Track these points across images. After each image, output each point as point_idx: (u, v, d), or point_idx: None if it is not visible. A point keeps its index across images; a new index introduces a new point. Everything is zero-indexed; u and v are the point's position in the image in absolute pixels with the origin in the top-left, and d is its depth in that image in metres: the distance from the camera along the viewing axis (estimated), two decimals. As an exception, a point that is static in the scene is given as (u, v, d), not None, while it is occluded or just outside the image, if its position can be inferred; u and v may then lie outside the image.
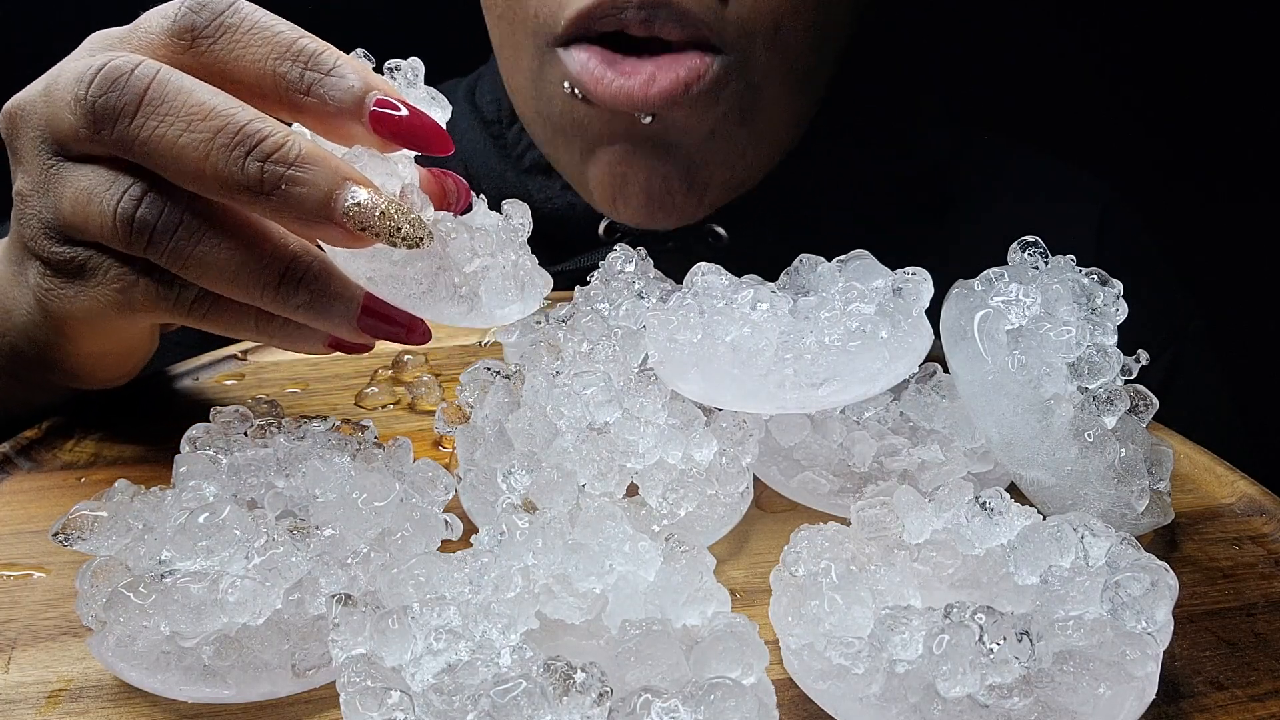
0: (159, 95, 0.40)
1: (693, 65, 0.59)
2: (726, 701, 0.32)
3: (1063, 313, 0.45)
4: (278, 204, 0.40)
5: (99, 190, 0.42)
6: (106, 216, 0.42)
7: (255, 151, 0.40)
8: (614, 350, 0.47)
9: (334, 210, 0.40)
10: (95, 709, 0.38)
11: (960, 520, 0.40)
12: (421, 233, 0.41)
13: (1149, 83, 1.04)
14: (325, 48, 0.42)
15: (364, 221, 0.40)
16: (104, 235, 0.42)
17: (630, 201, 0.65)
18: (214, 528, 0.38)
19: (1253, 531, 0.48)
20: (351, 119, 0.42)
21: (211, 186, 0.40)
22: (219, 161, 0.40)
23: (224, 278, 0.42)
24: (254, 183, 0.40)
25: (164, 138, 0.40)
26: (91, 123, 0.41)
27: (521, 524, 0.38)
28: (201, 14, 0.42)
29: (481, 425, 0.46)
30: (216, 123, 0.40)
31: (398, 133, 0.42)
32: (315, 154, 0.41)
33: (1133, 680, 0.35)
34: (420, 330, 0.45)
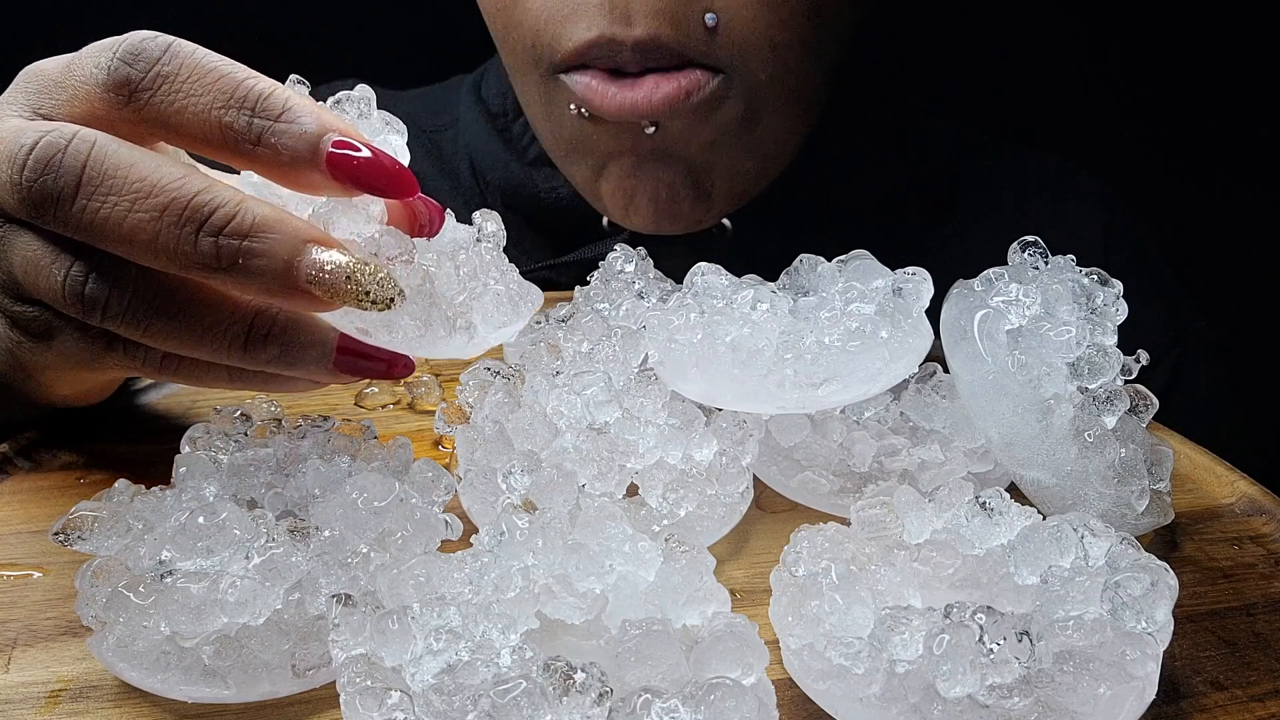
0: (98, 172, 0.37)
1: (693, 78, 0.60)
2: (726, 701, 0.32)
3: (1063, 313, 0.45)
4: (239, 277, 0.38)
5: (44, 264, 0.40)
6: (56, 290, 0.40)
7: (206, 226, 0.37)
8: (614, 350, 0.47)
9: (297, 279, 0.38)
10: (95, 709, 0.38)
11: (960, 520, 0.40)
12: (392, 293, 0.39)
13: (1155, 85, 1.04)
14: (273, 88, 0.39)
15: (330, 288, 0.38)
16: (58, 306, 0.40)
17: (640, 211, 0.67)
18: (214, 528, 0.38)
19: (1253, 531, 0.48)
20: (308, 167, 0.39)
21: (166, 264, 0.38)
22: (170, 241, 0.37)
23: (187, 342, 0.40)
24: (209, 259, 0.37)
25: (109, 219, 0.37)
26: (30, 207, 0.38)
27: (521, 524, 0.38)
28: (136, 65, 0.39)
29: (481, 425, 0.46)
30: (162, 199, 0.37)
31: (359, 178, 0.39)
32: (270, 220, 0.38)
33: (1133, 680, 0.35)
34: (402, 363, 0.43)
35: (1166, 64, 1.03)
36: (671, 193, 0.65)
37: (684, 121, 0.61)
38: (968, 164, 0.80)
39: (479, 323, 0.44)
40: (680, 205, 0.66)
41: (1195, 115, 1.05)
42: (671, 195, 0.66)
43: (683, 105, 0.60)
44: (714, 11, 0.59)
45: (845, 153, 0.75)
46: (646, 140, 0.62)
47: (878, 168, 0.76)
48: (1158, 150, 1.05)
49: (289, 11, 0.59)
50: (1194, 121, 1.05)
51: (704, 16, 0.59)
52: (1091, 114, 1.04)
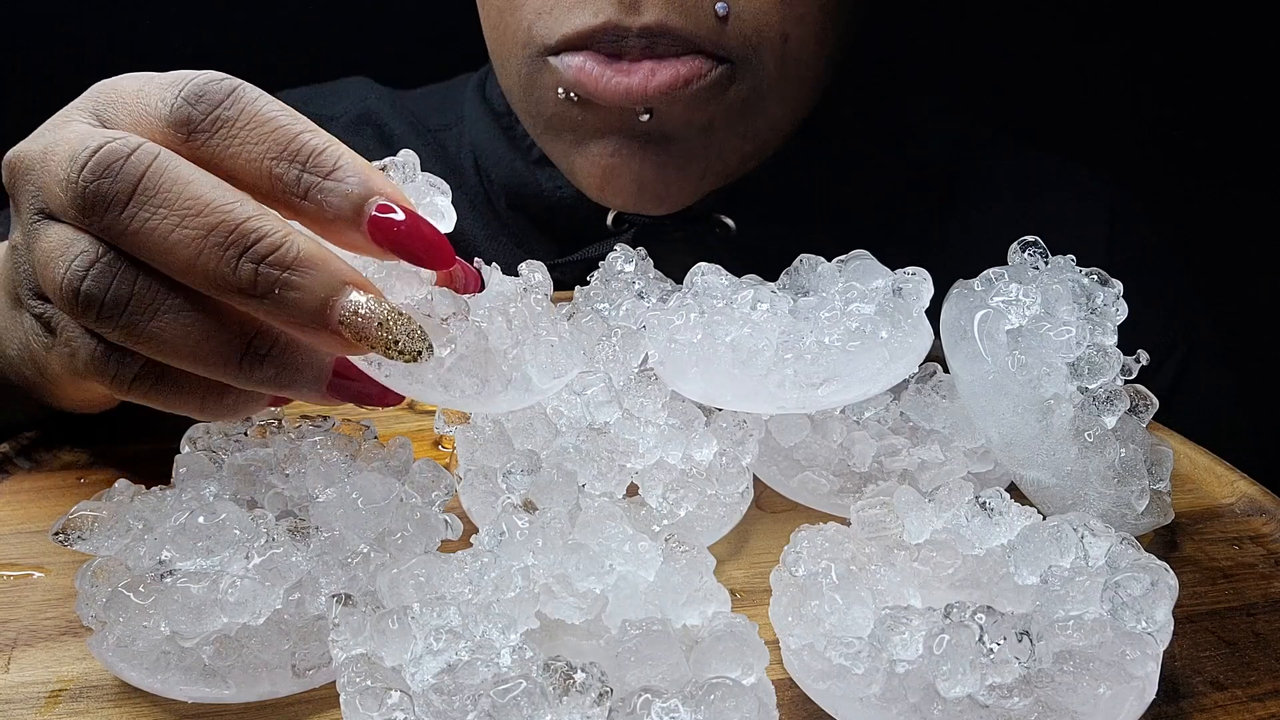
0: (154, 184, 0.38)
1: (694, 66, 0.59)
2: (726, 701, 0.32)
3: (1063, 313, 0.45)
4: (271, 307, 0.38)
5: (55, 255, 0.40)
6: (55, 285, 0.39)
7: (250, 252, 0.37)
8: (614, 350, 0.47)
9: (329, 318, 0.38)
10: (95, 709, 0.38)
11: (960, 520, 0.40)
12: (420, 346, 0.39)
13: (1159, 83, 1.04)
14: (326, 144, 0.39)
15: (361, 332, 0.38)
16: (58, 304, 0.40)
17: (620, 190, 0.65)
18: (214, 528, 0.38)
19: (1253, 531, 0.48)
20: (350, 227, 0.39)
21: (202, 284, 0.38)
22: (210, 260, 0.37)
23: (182, 353, 0.39)
24: (247, 285, 0.37)
25: (155, 231, 0.38)
26: (81, 207, 0.38)
27: (521, 524, 0.38)
28: (198, 106, 0.39)
29: (481, 425, 0.46)
30: (212, 219, 0.37)
31: (397, 245, 0.39)
32: (314, 256, 0.38)
33: (1133, 680, 0.35)
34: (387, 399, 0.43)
35: (1171, 63, 1.03)
36: (658, 173, 0.64)
37: (680, 108, 0.61)
38: (970, 163, 0.80)
39: (534, 374, 0.43)
40: (666, 186, 0.65)
41: (1199, 114, 1.05)
42: (658, 176, 0.64)
43: (680, 93, 0.59)
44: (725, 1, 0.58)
45: (847, 151, 0.75)
46: (638, 124, 0.61)
47: (880, 166, 0.76)
48: (1162, 149, 1.05)
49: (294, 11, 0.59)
50: (1198, 121, 1.05)
51: (715, 6, 0.58)
52: (1095, 112, 1.04)
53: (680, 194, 0.66)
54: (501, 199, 0.76)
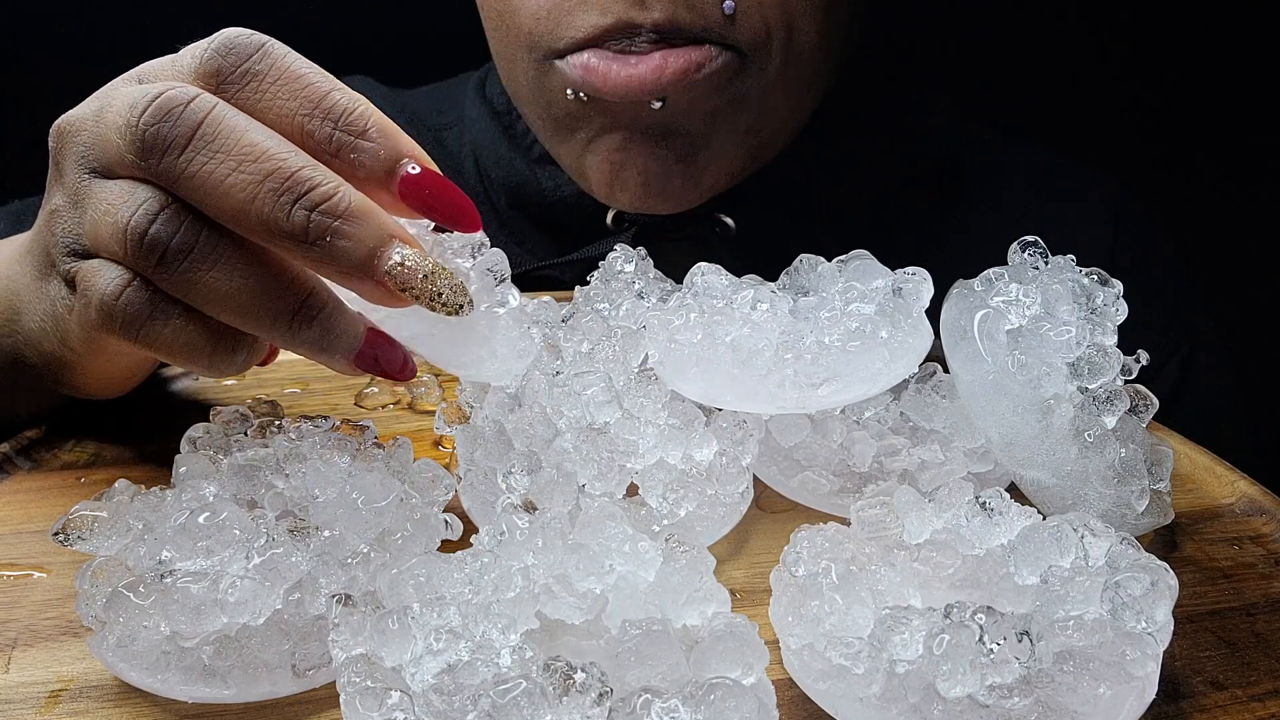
0: (213, 131, 0.39)
1: (705, 52, 0.59)
2: (726, 701, 0.32)
3: (1063, 313, 0.45)
4: (320, 255, 0.39)
5: (118, 203, 0.41)
6: (119, 229, 0.40)
7: (304, 199, 0.39)
8: (614, 350, 0.47)
9: (377, 267, 0.39)
10: (95, 709, 0.38)
11: (960, 520, 0.40)
12: (462, 300, 0.40)
13: (1164, 81, 1.04)
14: (357, 104, 0.41)
15: (406, 282, 0.40)
16: (115, 249, 0.41)
17: (628, 187, 0.65)
18: (214, 528, 0.38)
19: (1253, 531, 0.48)
20: (380, 187, 0.41)
21: (253, 229, 0.39)
22: (265, 205, 0.39)
23: (233, 305, 0.41)
24: (299, 231, 0.39)
25: (212, 175, 0.39)
26: (140, 150, 0.40)
27: (521, 524, 0.38)
28: (229, 57, 0.41)
29: (481, 425, 0.46)
30: (268, 165, 0.39)
31: (428, 206, 0.41)
32: (366, 208, 0.40)
33: (1133, 680, 0.35)
34: (410, 369, 0.44)
35: (1176, 62, 1.03)
36: (663, 168, 0.64)
37: (690, 96, 0.61)
38: (972, 162, 0.80)
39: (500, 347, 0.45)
40: (672, 182, 0.65)
41: (1204, 114, 1.05)
42: (663, 172, 0.64)
43: (694, 78, 0.60)
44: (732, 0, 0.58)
45: (847, 150, 0.75)
46: (648, 115, 0.61)
47: (880, 165, 0.76)
48: (1165, 149, 1.05)
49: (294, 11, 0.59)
50: (1202, 121, 1.05)
51: (722, 4, 0.58)
52: (1099, 111, 1.04)
53: (685, 192, 0.66)
54: (502, 198, 0.76)
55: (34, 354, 0.48)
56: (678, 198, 0.66)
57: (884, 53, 0.79)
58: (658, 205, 0.66)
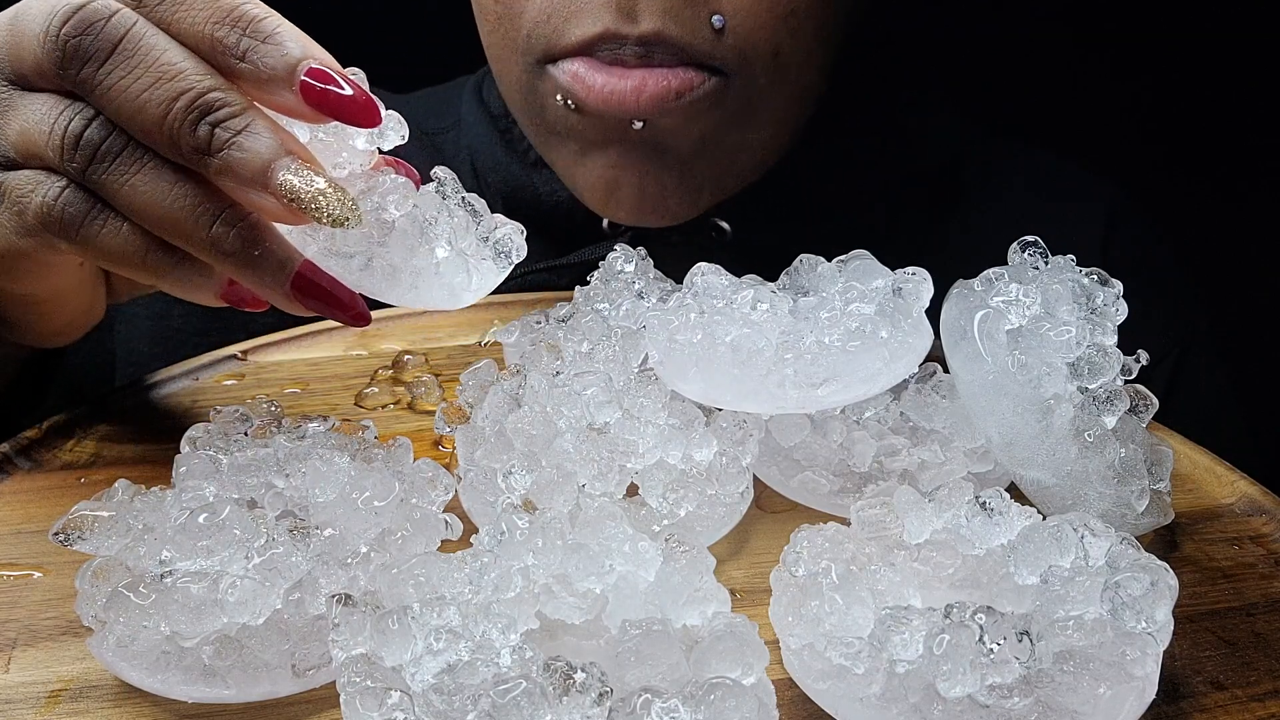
0: (133, 47, 0.41)
1: (686, 78, 0.59)
2: (726, 701, 0.32)
3: (1063, 313, 0.45)
4: (219, 166, 0.41)
5: (51, 113, 0.42)
6: (57, 134, 0.42)
7: (210, 116, 0.41)
8: (614, 350, 0.47)
9: (269, 179, 0.41)
10: (95, 709, 0.38)
11: (960, 520, 0.40)
12: (350, 214, 0.42)
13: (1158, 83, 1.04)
14: (267, 14, 0.42)
15: (294, 194, 0.41)
16: (46, 153, 0.42)
17: (623, 203, 0.66)
18: (214, 528, 0.38)
19: (1253, 531, 0.48)
20: (283, 86, 0.42)
21: (162, 143, 0.41)
22: (175, 121, 0.41)
23: (157, 208, 0.42)
24: (202, 145, 0.41)
25: (127, 89, 0.41)
26: (59, 60, 0.41)
27: (521, 524, 0.38)
28: None
29: (481, 425, 0.46)
30: (182, 84, 0.41)
31: (325, 101, 0.42)
32: (264, 126, 0.41)
33: (1133, 680, 0.35)
34: (357, 311, 0.45)
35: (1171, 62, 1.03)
36: (659, 186, 0.64)
37: (673, 119, 0.61)
38: (968, 163, 0.80)
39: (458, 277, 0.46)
40: (667, 199, 0.65)
41: (1199, 114, 1.05)
42: (659, 189, 0.65)
43: (672, 104, 0.60)
44: (721, 14, 0.58)
45: (843, 153, 0.74)
46: (634, 133, 0.62)
47: (877, 168, 0.76)
48: (1161, 149, 1.05)
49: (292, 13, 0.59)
50: (1198, 121, 1.05)
51: (711, 18, 0.58)
52: (1094, 112, 1.04)
53: (681, 207, 0.66)
54: (499, 202, 0.76)
55: None
56: (673, 213, 0.67)
57: (881, 53, 0.79)
58: (651, 219, 0.67)
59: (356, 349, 0.61)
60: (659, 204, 0.65)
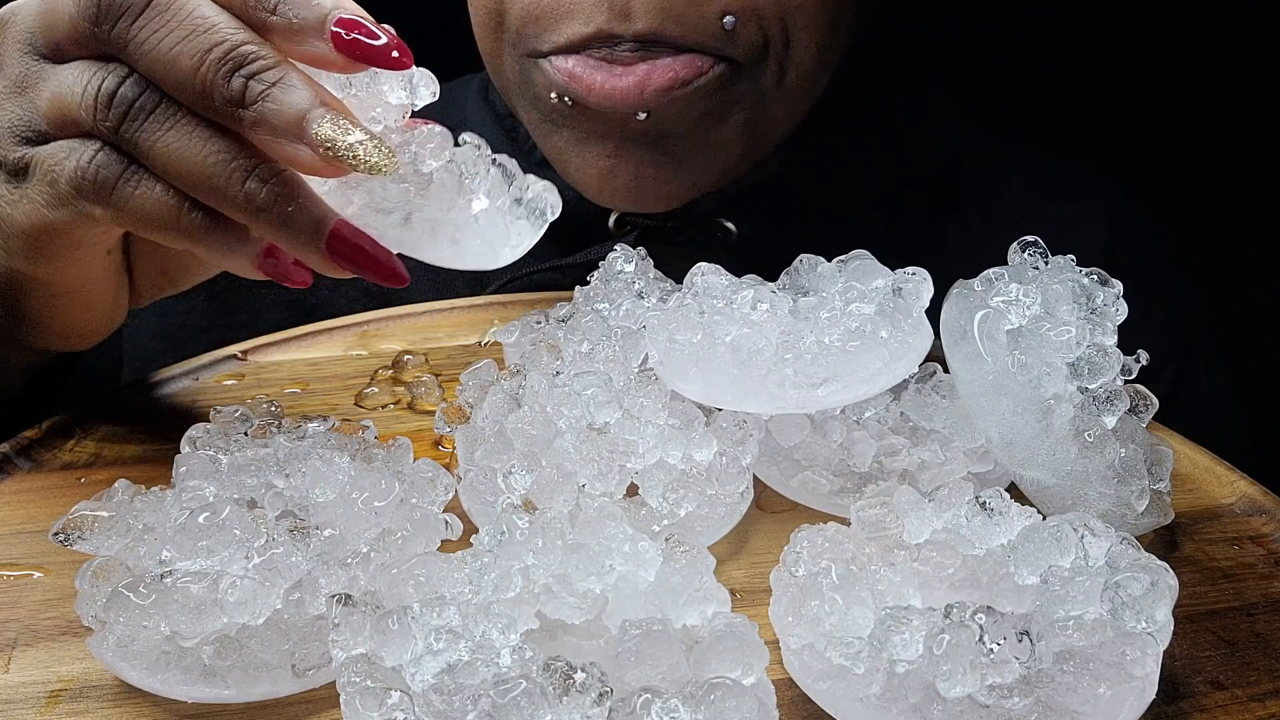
0: (165, 2, 0.41)
1: (694, 65, 0.59)
2: (726, 701, 0.32)
3: (1063, 313, 0.45)
4: (253, 118, 0.41)
5: (84, 75, 0.43)
6: (90, 94, 0.42)
7: (244, 69, 0.41)
8: (614, 350, 0.47)
9: (304, 129, 0.41)
10: (95, 709, 0.38)
11: (960, 520, 0.40)
12: (386, 160, 0.42)
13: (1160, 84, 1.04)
14: None
15: (330, 143, 0.41)
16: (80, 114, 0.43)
17: (619, 190, 0.65)
18: (214, 528, 0.38)
19: (1253, 531, 0.48)
20: (315, 36, 0.42)
21: (194, 97, 0.42)
22: (208, 74, 0.41)
23: (190, 163, 0.42)
24: (236, 97, 0.41)
25: (160, 43, 0.41)
26: (93, 15, 0.42)
27: (521, 524, 0.38)
28: None
29: (481, 425, 0.46)
30: (215, 37, 0.41)
31: (356, 47, 0.42)
32: (298, 78, 0.42)
33: (1133, 680, 0.35)
34: (394, 271, 0.45)
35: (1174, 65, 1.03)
36: (655, 173, 0.64)
37: (678, 106, 0.60)
38: (970, 165, 0.80)
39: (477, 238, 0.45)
40: (664, 185, 0.65)
41: (1199, 115, 1.05)
42: (655, 175, 0.64)
43: (679, 93, 0.59)
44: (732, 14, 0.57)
45: (846, 154, 0.74)
46: (635, 124, 0.61)
47: (879, 169, 0.76)
48: (1161, 150, 1.05)
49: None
50: (1199, 123, 1.05)
51: (722, 20, 0.57)
52: (1095, 113, 1.04)
53: (680, 191, 0.66)
54: None
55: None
56: (670, 197, 0.66)
57: (882, 54, 0.78)
58: (647, 205, 0.66)
59: (356, 349, 0.61)
60: (656, 190, 0.65)
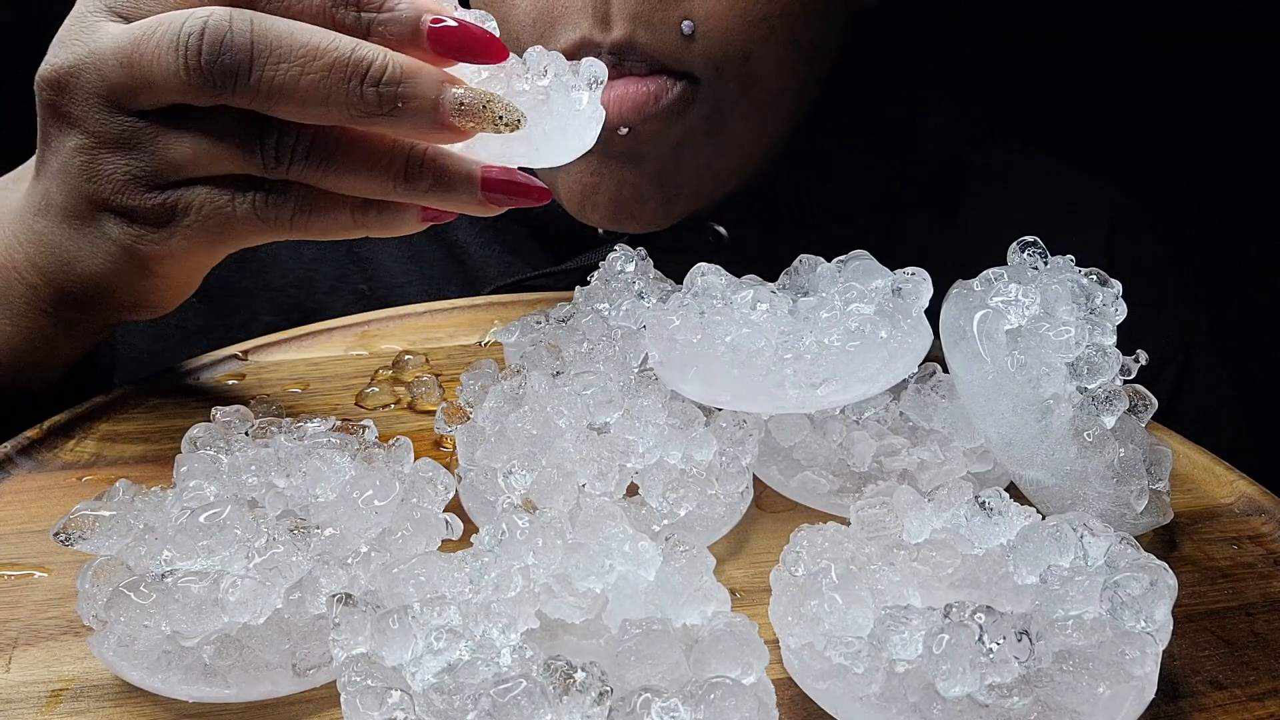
0: (265, 44, 0.42)
1: (660, 83, 0.60)
2: (726, 701, 0.32)
3: (1062, 313, 0.45)
4: (395, 120, 0.44)
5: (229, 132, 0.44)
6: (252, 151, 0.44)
7: (367, 78, 0.43)
8: (614, 350, 0.47)
9: (442, 114, 0.44)
10: (96, 708, 0.38)
11: (960, 520, 0.40)
12: (518, 115, 0.45)
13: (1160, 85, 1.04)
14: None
15: (471, 116, 0.44)
16: (243, 166, 0.45)
17: (599, 207, 0.66)
18: (215, 527, 0.38)
19: (1252, 531, 0.48)
20: (412, 46, 0.44)
21: (337, 118, 0.44)
22: (340, 95, 0.43)
23: (359, 182, 0.46)
24: (373, 106, 0.43)
25: (284, 83, 0.42)
26: (211, 87, 0.43)
27: (521, 524, 0.38)
28: None
29: (482, 425, 0.47)
30: (328, 59, 0.42)
31: (456, 47, 0.44)
32: (414, 66, 0.44)
33: (1132, 680, 0.35)
34: (538, 190, 0.48)
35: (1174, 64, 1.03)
36: (636, 193, 0.65)
37: (654, 125, 0.61)
38: (969, 166, 0.80)
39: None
40: (643, 205, 0.65)
41: (1201, 116, 1.05)
42: (636, 196, 0.65)
43: (652, 110, 0.60)
44: (691, 19, 0.58)
45: (842, 155, 0.74)
46: (618, 141, 0.62)
47: (876, 170, 0.76)
48: (1164, 152, 1.05)
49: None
50: (1200, 123, 1.05)
51: (680, 24, 0.58)
52: (1098, 115, 1.04)
53: (656, 215, 0.66)
54: None
55: (92, 291, 0.50)
56: (648, 220, 0.67)
57: (880, 54, 0.78)
58: (627, 225, 0.67)
59: (357, 349, 0.61)
60: (633, 210, 0.66)
